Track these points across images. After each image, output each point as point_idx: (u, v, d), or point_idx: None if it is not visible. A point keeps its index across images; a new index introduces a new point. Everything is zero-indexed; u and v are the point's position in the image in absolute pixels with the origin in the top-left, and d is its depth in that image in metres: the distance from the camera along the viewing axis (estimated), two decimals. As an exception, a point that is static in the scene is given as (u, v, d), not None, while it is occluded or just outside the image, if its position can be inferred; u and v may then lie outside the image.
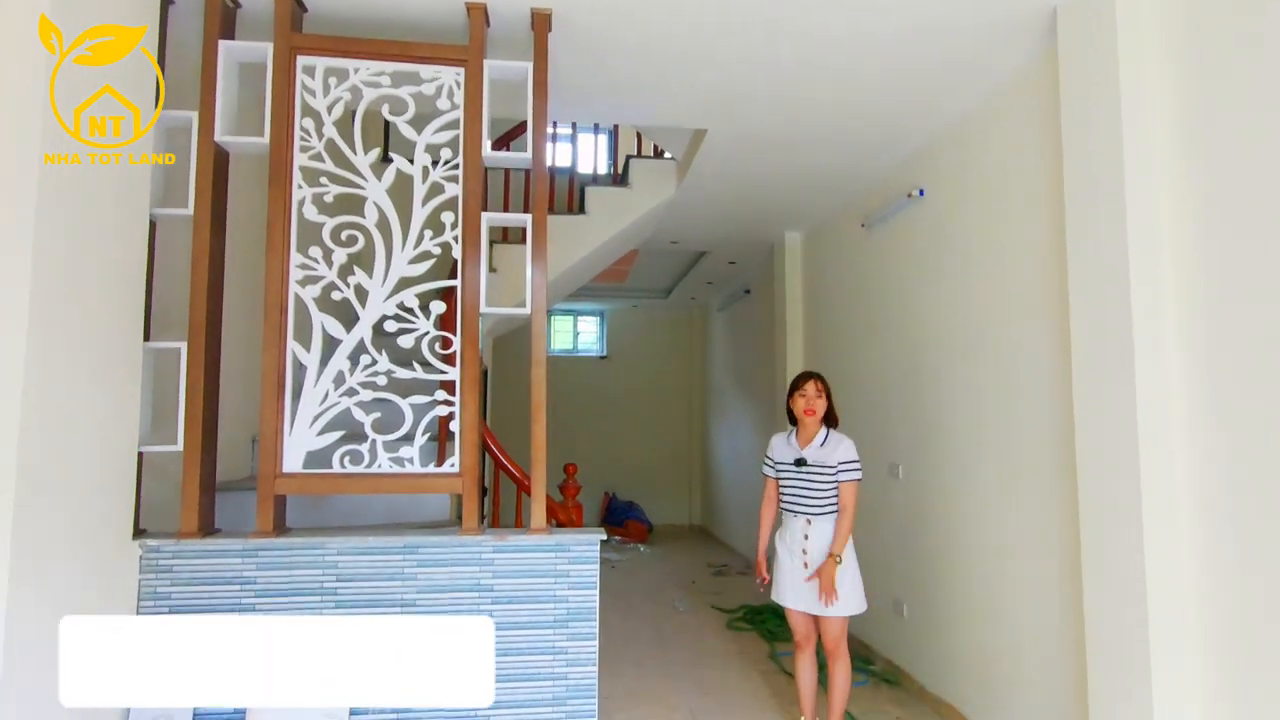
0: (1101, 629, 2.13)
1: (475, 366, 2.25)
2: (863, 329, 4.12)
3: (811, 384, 2.80)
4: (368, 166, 2.28)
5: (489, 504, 3.53)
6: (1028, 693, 2.65)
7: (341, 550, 2.15)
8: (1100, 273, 2.14)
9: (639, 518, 7.81)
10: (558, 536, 2.23)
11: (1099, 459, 2.14)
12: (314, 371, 2.21)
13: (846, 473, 2.69)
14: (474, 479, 2.21)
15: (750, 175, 3.93)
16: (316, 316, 2.23)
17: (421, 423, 2.25)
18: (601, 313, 8.95)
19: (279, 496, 2.17)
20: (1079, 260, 2.24)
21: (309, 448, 2.19)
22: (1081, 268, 2.23)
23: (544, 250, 2.32)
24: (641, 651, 4.06)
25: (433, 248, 2.29)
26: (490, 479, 3.52)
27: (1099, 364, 2.15)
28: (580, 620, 2.22)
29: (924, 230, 3.46)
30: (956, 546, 3.12)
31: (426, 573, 2.17)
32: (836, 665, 2.71)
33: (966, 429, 3.07)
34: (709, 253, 6.00)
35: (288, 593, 2.11)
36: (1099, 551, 2.14)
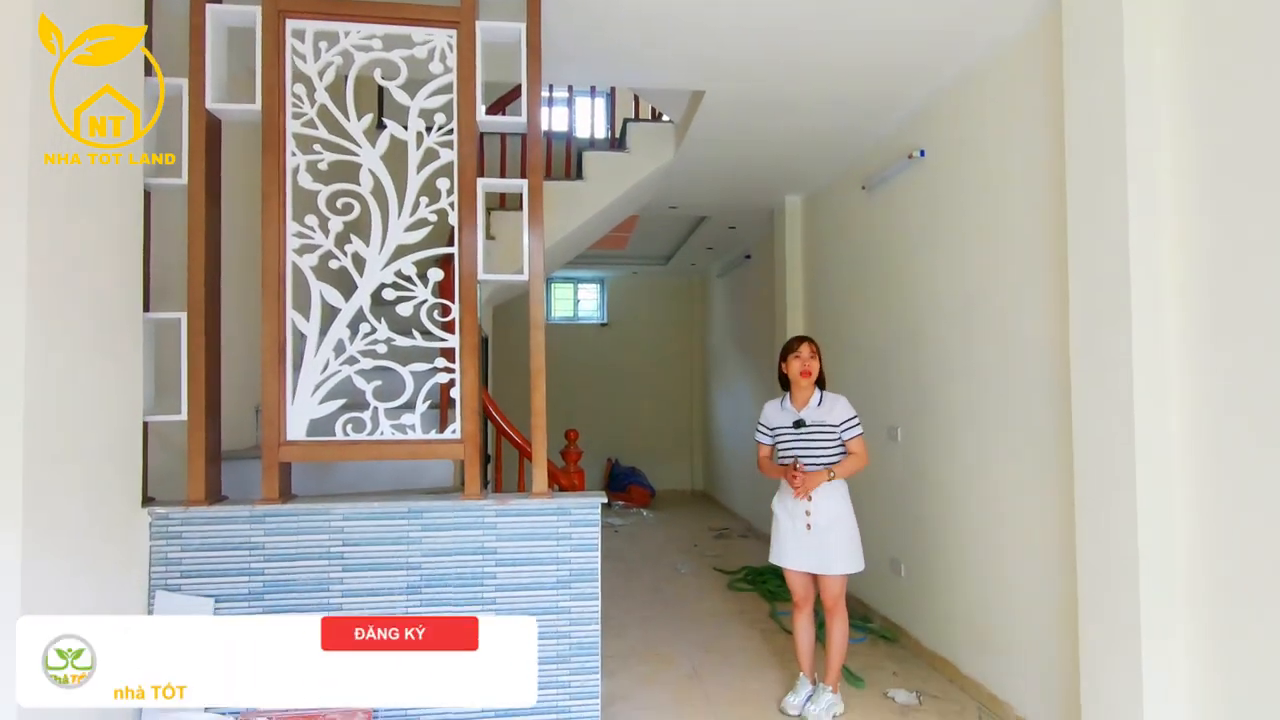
0: (1094, 588, 2.17)
1: (474, 333, 2.26)
2: (863, 292, 4.12)
3: (806, 346, 2.82)
4: (361, 133, 2.26)
5: (491, 470, 3.58)
6: (1021, 649, 2.71)
7: (347, 516, 2.18)
8: (1100, 236, 2.13)
9: (641, 483, 7.90)
10: (559, 500, 2.26)
11: (1095, 422, 2.16)
12: (314, 341, 2.22)
13: (852, 429, 2.75)
14: (476, 445, 2.24)
15: (749, 138, 3.88)
16: (315, 285, 2.23)
17: (422, 390, 2.26)
18: (601, 280, 8.92)
19: (284, 464, 2.20)
20: (1079, 223, 2.23)
21: (311, 416, 2.21)
22: (1081, 230, 2.22)
23: (540, 215, 2.31)
24: (644, 612, 4.15)
25: (429, 215, 2.28)
26: (492, 446, 3.55)
27: (1096, 327, 2.15)
28: (582, 581, 2.26)
29: (924, 192, 3.43)
30: (954, 508, 3.17)
31: (431, 537, 2.21)
32: (835, 622, 2.77)
33: (965, 392, 3.09)
34: (709, 218, 5.95)
35: (295, 557, 2.15)
36: (1093, 513, 2.17)
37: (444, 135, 2.29)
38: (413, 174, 2.27)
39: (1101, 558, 2.14)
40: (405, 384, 2.26)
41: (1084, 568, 2.21)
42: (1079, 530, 2.22)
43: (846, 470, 2.74)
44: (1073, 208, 2.25)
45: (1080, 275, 2.22)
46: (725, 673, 3.25)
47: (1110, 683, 2.09)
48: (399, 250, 2.27)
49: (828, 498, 2.72)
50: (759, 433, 2.94)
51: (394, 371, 2.26)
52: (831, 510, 2.72)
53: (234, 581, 2.13)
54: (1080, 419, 2.22)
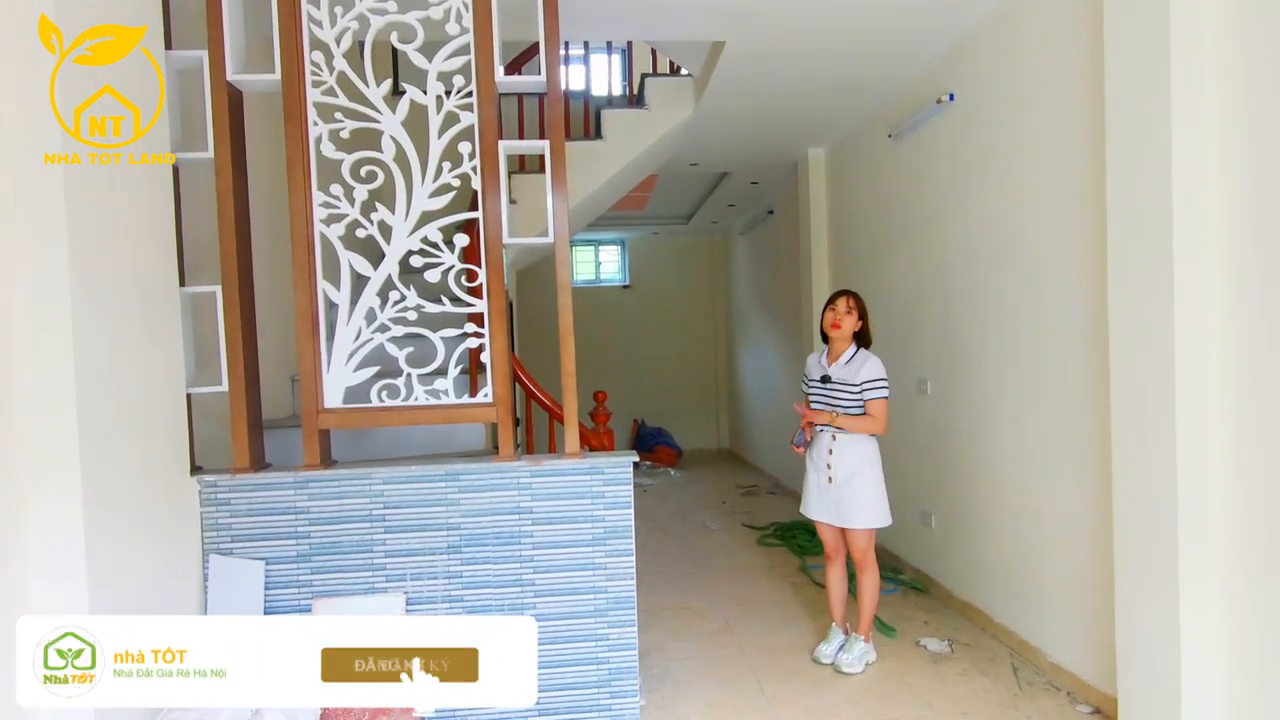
0: (1129, 534, 2.16)
1: (502, 298, 2.27)
2: (890, 243, 4.04)
3: (843, 300, 2.78)
4: (381, 99, 2.25)
5: (521, 433, 3.63)
6: (1054, 596, 2.72)
7: (387, 480, 2.24)
8: (1141, 175, 2.05)
9: (668, 443, 7.97)
10: (591, 460, 2.30)
11: (1132, 366, 2.12)
12: (345, 310, 2.25)
13: (872, 390, 2.70)
14: (507, 408, 2.27)
15: (771, 88, 3.78)
16: (343, 255, 2.25)
17: (454, 355, 2.29)
18: (622, 241, 8.86)
19: (323, 431, 2.25)
20: (1118, 164, 2.15)
21: (347, 384, 2.26)
22: (1121, 172, 2.14)
23: (564, 176, 2.29)
24: (675, 569, 4.23)
25: (452, 180, 2.27)
26: (522, 409, 3.60)
27: (1136, 269, 2.09)
28: (617, 538, 2.31)
29: (954, 138, 3.33)
30: (984, 458, 3.15)
31: (468, 498, 2.26)
32: (864, 576, 2.80)
33: (995, 341, 3.04)
34: (730, 174, 5.85)
35: (339, 520, 2.22)
36: (1129, 458, 2.14)
37: (463, 98, 2.27)
38: (434, 139, 2.26)
39: (1137, 503, 2.12)
40: (436, 350, 2.29)
41: (1120, 513, 2.20)
42: (1116, 475, 2.20)
43: (853, 424, 2.68)
44: (1112, 147, 2.17)
45: (1120, 216, 2.15)
46: (757, 625, 3.31)
47: (1146, 629, 2.10)
48: (424, 217, 2.28)
49: (849, 451, 2.72)
50: (802, 383, 2.94)
51: (425, 338, 2.29)
52: (851, 463, 2.72)
53: (282, 544, 2.21)
54: (1117, 363, 2.18)
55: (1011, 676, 2.73)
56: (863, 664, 2.80)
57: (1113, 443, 2.21)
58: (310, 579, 2.21)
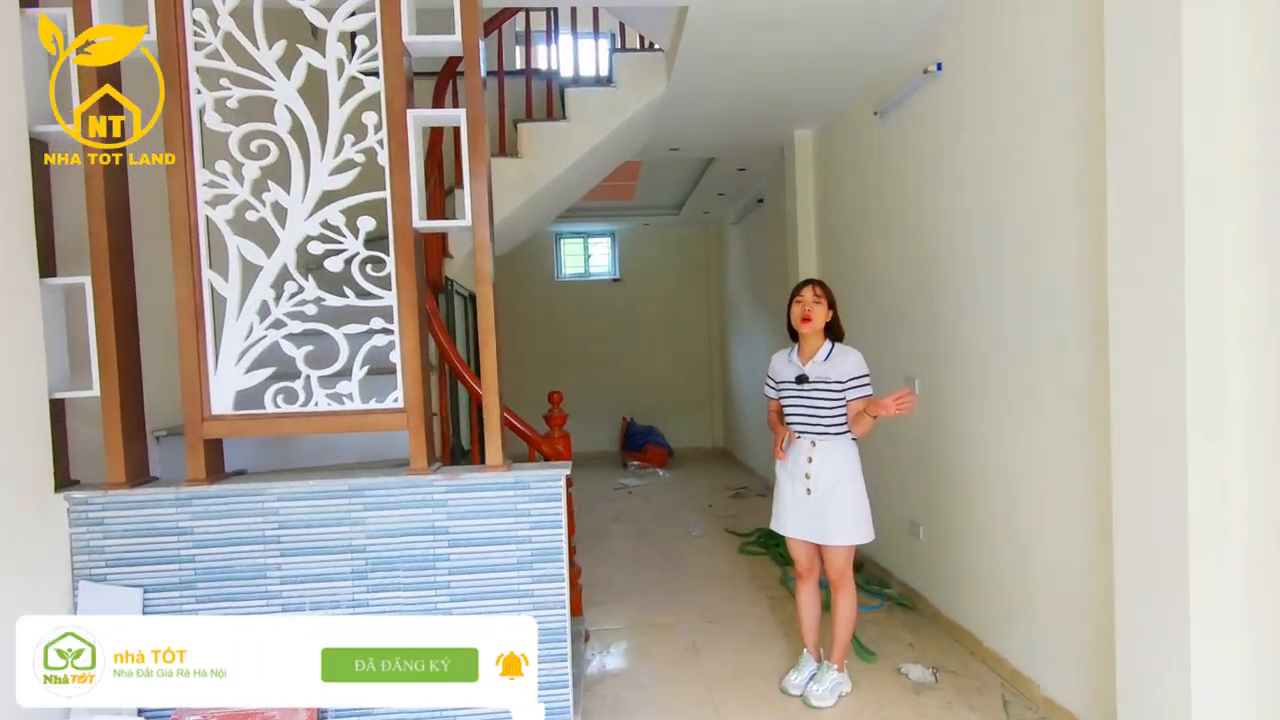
0: (1132, 560, 1.86)
1: (413, 289, 2.00)
2: (877, 230, 3.74)
3: (809, 289, 2.50)
4: (274, 63, 1.97)
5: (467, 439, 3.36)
6: (1050, 623, 2.42)
7: (282, 496, 1.98)
8: (1147, 153, 1.75)
9: (658, 442, 7.68)
10: (517, 473, 2.02)
11: (1137, 364, 1.82)
12: (235, 303, 1.99)
13: (858, 389, 2.42)
14: (420, 414, 2.00)
15: (746, 62, 3.47)
16: (231, 240, 1.98)
17: (359, 355, 2.02)
18: (612, 233, 8.58)
19: (210, 441, 1.99)
20: (1120, 139, 1.85)
21: (238, 387, 1.99)
22: (1124, 146, 1.84)
23: (483, 150, 2.01)
24: (649, 578, 3.96)
25: (355, 155, 2.00)
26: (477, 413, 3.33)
27: (1141, 256, 1.79)
28: (546, 561, 2.03)
29: (942, 112, 3.02)
30: (976, 465, 2.85)
31: (375, 516, 1.99)
32: (840, 597, 2.51)
33: (988, 335, 2.74)
34: (716, 159, 5.56)
35: (228, 542, 1.96)
36: (1133, 467, 1.85)
37: (368, 61, 1.99)
38: (334, 108, 1.98)
39: (1142, 525, 1.83)
40: (340, 348, 2.02)
41: (1121, 536, 1.90)
42: (1116, 487, 1.91)
43: (862, 428, 2.39)
44: (1113, 113, 1.87)
45: (1122, 195, 1.85)
46: (727, 645, 3.03)
47: (1151, 667, 1.81)
48: (324, 197, 2.00)
49: (829, 460, 2.44)
50: (766, 386, 2.66)
51: (327, 335, 2.02)
52: (833, 474, 2.43)
53: (163, 570, 1.95)
54: (1119, 361, 1.88)
55: (1001, 712, 2.44)
56: (835, 696, 2.52)
57: (1113, 453, 1.92)
58: (195, 608, 1.95)
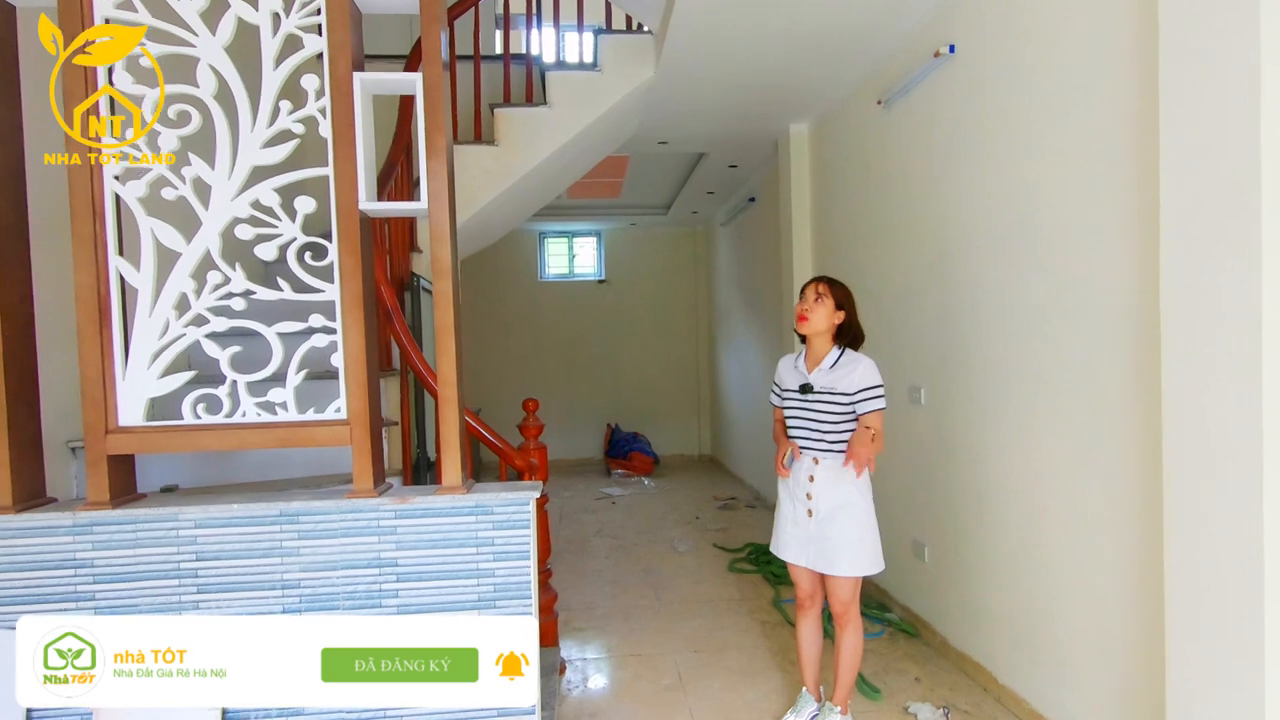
0: (1189, 601, 1.62)
1: (359, 281, 1.71)
2: (881, 230, 3.49)
3: (811, 287, 2.24)
4: (196, 15, 1.69)
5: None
6: (1079, 660, 2.17)
7: (201, 522, 1.68)
8: (1213, 129, 1.51)
9: (644, 449, 7.41)
10: (478, 496, 1.74)
11: (1199, 377, 1.58)
12: (148, 295, 1.69)
13: (869, 401, 2.15)
14: (366, 427, 1.71)
15: (741, 46, 3.22)
16: (144, 222, 1.69)
17: (295, 357, 1.73)
18: (598, 233, 8.30)
19: (115, 458, 1.69)
20: (1177, 102, 1.60)
21: (151, 394, 1.70)
22: (1181, 124, 1.60)
23: (441, 122, 1.74)
24: (631, 601, 3.67)
25: (293, 125, 1.72)
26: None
27: (1203, 251, 1.55)
28: (511, 598, 1.75)
29: (955, 99, 2.78)
30: (992, 483, 2.60)
31: (311, 546, 1.70)
32: (844, 634, 2.25)
33: (1006, 342, 2.49)
34: (706, 155, 5.30)
35: (135, 576, 1.67)
36: (1192, 499, 1.60)
37: (307, 14, 1.71)
38: (268, 70, 1.70)
39: (1201, 568, 1.58)
40: (272, 350, 1.74)
41: (1174, 579, 1.65)
42: (1169, 520, 1.66)
43: (867, 451, 2.09)
44: (1167, 82, 1.63)
45: (1179, 181, 1.61)
46: (716, 680, 2.76)
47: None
48: (255, 173, 1.72)
49: (834, 480, 2.17)
50: (772, 393, 2.40)
51: (257, 334, 1.73)
52: (837, 496, 2.17)
53: (57, 609, 1.65)
54: (1173, 371, 1.64)
55: (1023, 761, 2.19)
56: (838, 743, 2.25)
57: (1166, 476, 1.67)
58: (94, 656, 1.65)
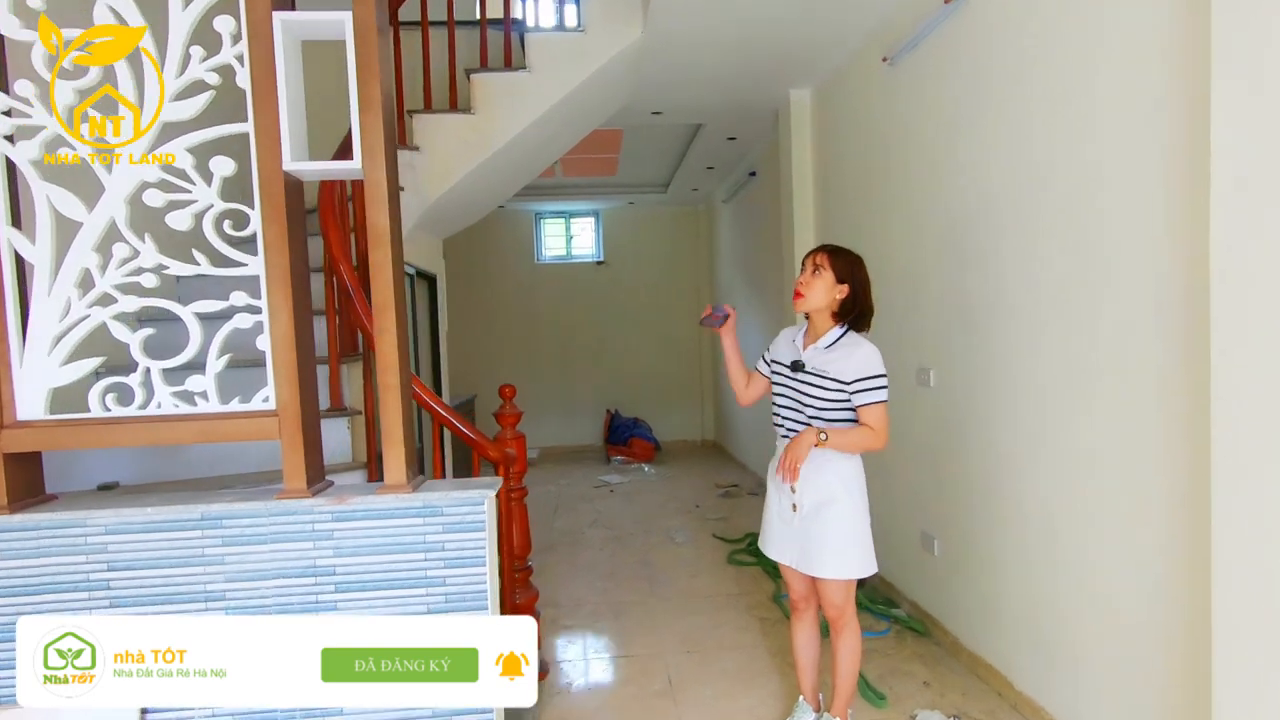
0: (1243, 598, 1.40)
1: (285, 253, 1.50)
2: (885, 200, 3.25)
3: (809, 258, 2.01)
4: (92, -52, 1.47)
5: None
6: (1100, 667, 1.96)
7: (113, 528, 1.50)
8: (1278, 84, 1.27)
9: (645, 435, 7.22)
10: (425, 495, 1.54)
11: (1255, 355, 1.35)
12: (46, 271, 1.49)
13: (867, 393, 1.90)
14: (297, 419, 1.51)
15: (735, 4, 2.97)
16: (39, 187, 1.48)
17: (215, 341, 1.53)
18: (596, 213, 8.05)
19: (14, 456, 1.50)
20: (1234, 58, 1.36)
21: (52, 383, 1.50)
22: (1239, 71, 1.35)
23: (374, 66, 1.51)
24: (624, 597, 3.49)
25: (206, 74, 1.50)
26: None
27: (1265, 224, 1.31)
28: (465, 609, 1.55)
29: (967, 52, 2.52)
30: (1009, 474, 2.38)
31: (237, 554, 1.51)
32: (840, 640, 2.04)
33: (1023, 320, 2.26)
34: (703, 126, 5.04)
35: (37, 589, 1.48)
36: (1245, 498, 1.38)
37: (219, -53, 1.49)
38: (176, 10, 1.48)
39: (1256, 580, 1.36)
40: (190, 333, 1.53)
41: (1222, 591, 1.44)
42: (1218, 516, 1.44)
43: (849, 443, 1.90)
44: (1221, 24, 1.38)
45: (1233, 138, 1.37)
46: (709, 685, 2.57)
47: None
48: (165, 130, 1.50)
49: (820, 473, 1.95)
50: (761, 359, 2.17)
51: (173, 315, 1.53)
52: (823, 490, 1.95)
53: (-50, 627, 1.47)
54: (1225, 354, 1.41)
55: (1043, 779, 1.99)
56: (838, 757, 2.06)
57: (1213, 471, 1.45)
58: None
